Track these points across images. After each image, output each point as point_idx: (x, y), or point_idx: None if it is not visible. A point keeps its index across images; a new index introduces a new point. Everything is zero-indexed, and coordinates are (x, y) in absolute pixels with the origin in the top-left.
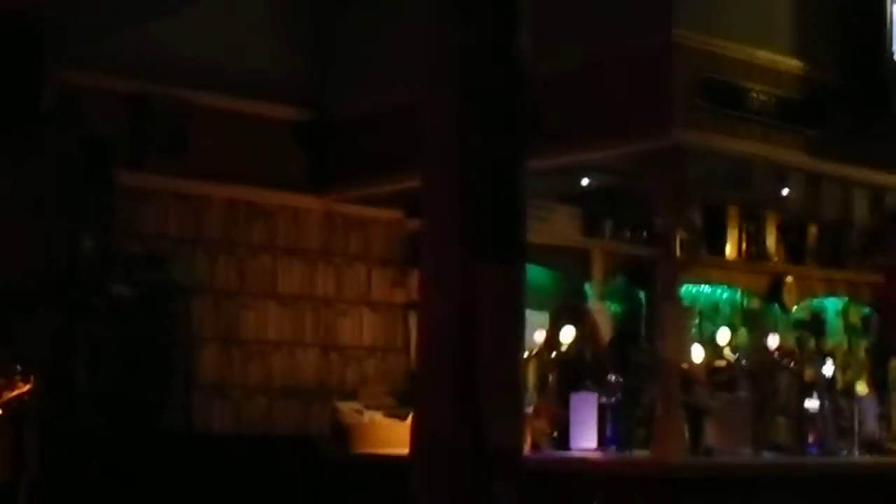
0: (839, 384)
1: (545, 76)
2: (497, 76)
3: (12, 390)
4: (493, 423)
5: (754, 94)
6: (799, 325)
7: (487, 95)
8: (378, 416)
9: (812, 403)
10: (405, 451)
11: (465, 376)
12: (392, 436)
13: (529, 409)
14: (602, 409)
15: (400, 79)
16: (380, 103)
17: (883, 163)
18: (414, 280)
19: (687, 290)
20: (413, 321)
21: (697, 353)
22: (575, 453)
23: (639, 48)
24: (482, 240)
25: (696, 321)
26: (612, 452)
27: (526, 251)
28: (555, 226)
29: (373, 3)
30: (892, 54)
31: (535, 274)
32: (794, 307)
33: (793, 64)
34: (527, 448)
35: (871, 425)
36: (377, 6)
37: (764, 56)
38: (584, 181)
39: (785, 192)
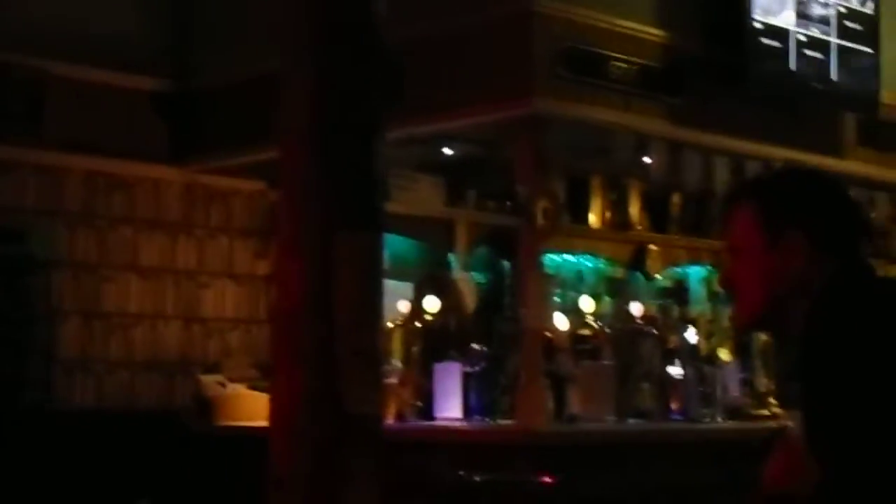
0: (702, 351)
1: (405, 44)
2: (353, 44)
3: None
4: (352, 392)
5: (615, 63)
6: (662, 292)
7: (344, 64)
8: (241, 389)
9: (675, 370)
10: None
11: (322, 345)
12: (256, 408)
13: (394, 380)
14: (466, 379)
15: (260, 49)
16: (240, 73)
17: (744, 130)
18: None
19: (550, 259)
20: None
21: (561, 322)
22: (439, 423)
23: (499, 16)
24: (340, 208)
25: (560, 290)
26: (476, 421)
27: (385, 220)
28: (418, 196)
29: None
30: (752, 21)
31: (399, 244)
32: (658, 275)
33: (654, 32)
34: (391, 418)
35: (734, 391)
36: None
37: (625, 25)
38: (447, 151)
39: (647, 160)
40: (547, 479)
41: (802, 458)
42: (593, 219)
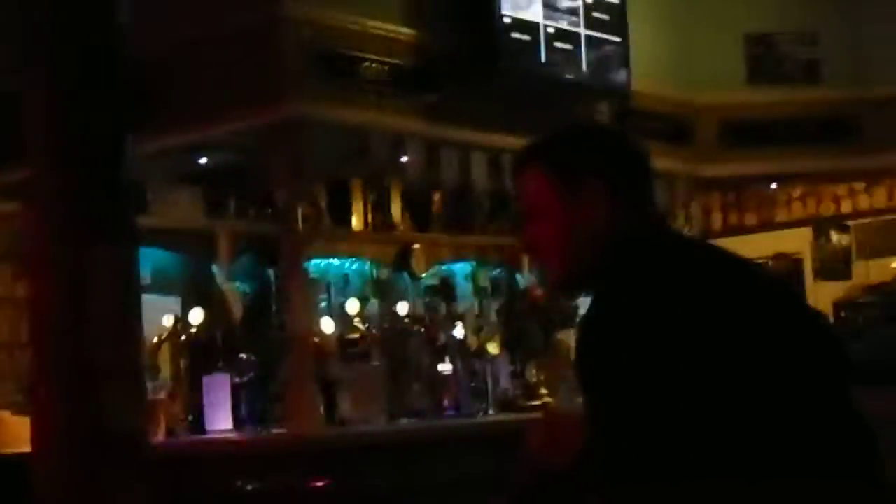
0: (471, 346)
1: (155, 53)
2: (95, 56)
3: None
4: (112, 409)
5: (367, 64)
6: (429, 291)
7: (84, 75)
8: (6, 415)
9: (445, 367)
10: None
11: (79, 362)
12: (24, 433)
13: (163, 395)
14: (236, 390)
15: (6, 63)
16: None
17: (499, 125)
18: None
19: (315, 264)
20: None
21: (328, 326)
22: (211, 436)
23: (249, 22)
24: (89, 223)
25: (326, 294)
26: (248, 432)
27: (142, 233)
28: (177, 208)
29: None
30: (500, 16)
31: (161, 258)
32: (423, 274)
33: (404, 32)
34: (161, 434)
35: (505, 384)
36: None
37: (375, 25)
38: (204, 160)
39: (405, 159)
40: (319, 484)
41: (566, 430)
42: (355, 221)
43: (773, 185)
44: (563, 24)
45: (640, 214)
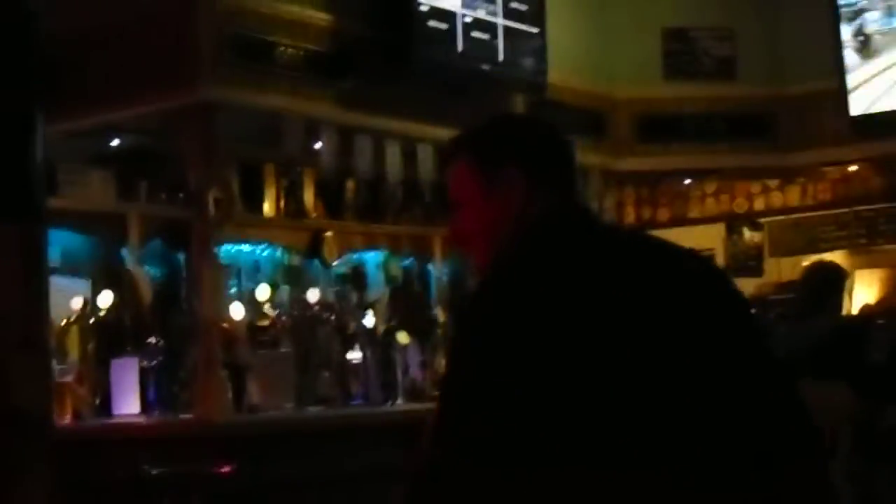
0: (381, 335)
1: (67, 33)
2: (3, 34)
3: None
4: (18, 389)
5: (282, 48)
6: (340, 279)
7: None
8: None
9: (355, 355)
10: None
11: None
12: None
13: (70, 378)
14: (144, 374)
15: None
16: None
17: (414, 113)
18: None
19: (226, 249)
20: None
21: (238, 312)
22: (118, 419)
23: (164, 3)
24: None
25: (236, 280)
26: (155, 416)
27: (51, 214)
28: (88, 190)
29: None
30: (417, 4)
31: (71, 240)
32: (335, 262)
33: (320, 17)
34: (68, 417)
35: (414, 373)
36: None
37: (291, 10)
38: (116, 142)
39: (318, 146)
40: (225, 469)
41: None
42: (267, 207)
43: (687, 181)
44: (481, 14)
45: (559, 202)
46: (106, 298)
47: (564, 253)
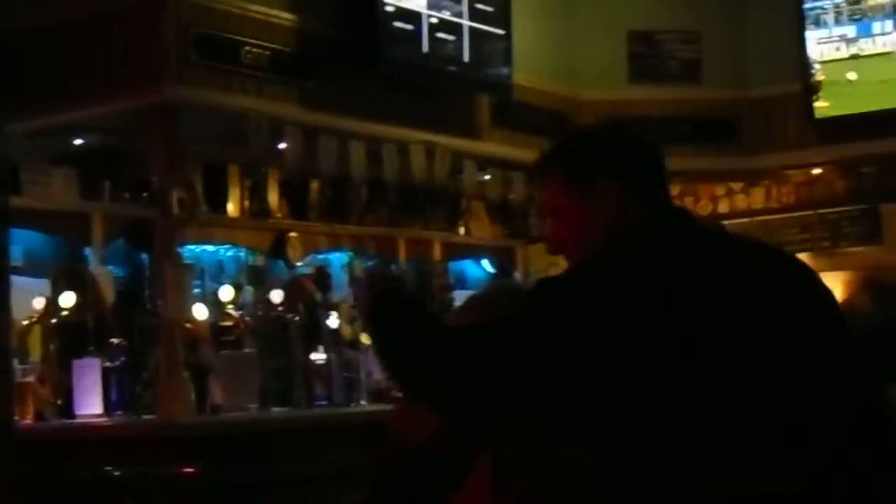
0: (345, 336)
1: (30, 31)
2: None
3: None
4: None
5: (248, 49)
6: (304, 279)
7: None
8: None
9: (319, 356)
10: None
11: None
12: None
13: (32, 378)
14: (107, 374)
15: None
16: None
17: (379, 114)
18: None
19: (189, 249)
20: None
21: (201, 313)
22: (80, 420)
23: (129, 2)
24: None
25: (200, 280)
26: (118, 417)
27: (14, 214)
28: (51, 189)
29: None
30: (383, 4)
31: (34, 240)
32: (299, 262)
33: (286, 17)
34: (30, 418)
35: (378, 376)
36: None
37: (257, 10)
38: (79, 141)
39: (283, 146)
40: (188, 470)
41: (423, 409)
42: (232, 207)
43: None
44: (446, 15)
45: (650, 207)
46: (68, 298)
47: (648, 257)
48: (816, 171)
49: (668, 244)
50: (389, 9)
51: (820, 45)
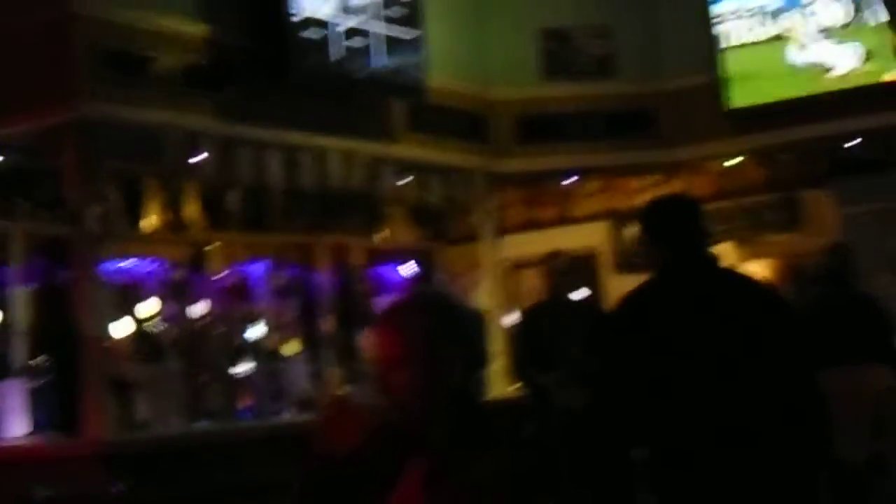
0: (269, 347)
1: None
2: None
3: None
4: None
5: (160, 62)
6: (225, 291)
7: None
8: None
9: (243, 368)
10: None
11: None
12: None
13: None
14: (30, 394)
15: None
16: None
17: (294, 123)
18: None
19: (109, 265)
20: None
21: (123, 328)
22: (6, 442)
23: (39, 20)
24: None
25: (120, 296)
26: (45, 436)
27: None
28: None
29: None
30: (290, 15)
31: None
32: (220, 274)
33: (197, 29)
34: None
35: (304, 384)
36: None
37: (167, 24)
38: None
39: (199, 158)
40: (114, 488)
41: (349, 416)
42: (150, 221)
43: (570, 180)
44: (356, 22)
45: (674, 255)
46: None
47: (663, 287)
48: (733, 161)
49: (680, 280)
50: (297, 19)
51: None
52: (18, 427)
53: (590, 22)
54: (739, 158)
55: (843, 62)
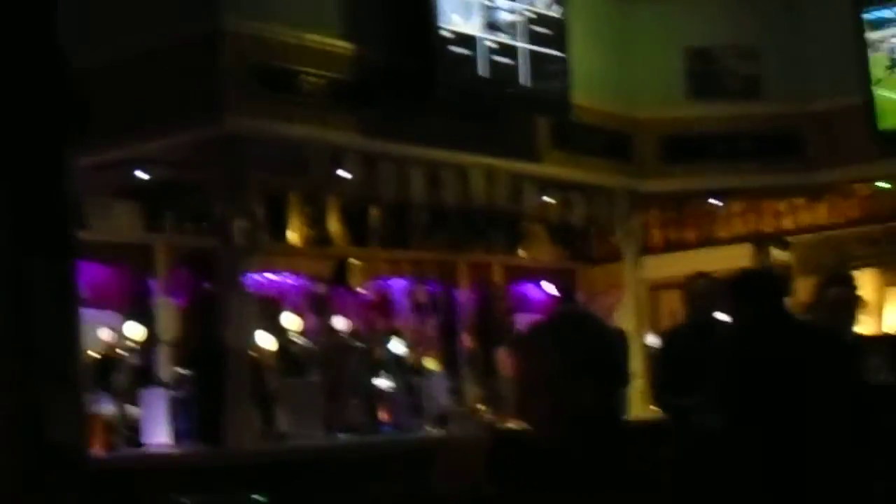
0: (409, 362)
1: (94, 68)
2: (33, 71)
3: None
4: (53, 420)
5: (306, 78)
6: (366, 306)
7: (25, 92)
8: None
9: (383, 382)
10: None
11: (20, 373)
12: None
13: (101, 408)
14: (174, 404)
15: None
16: None
17: (438, 139)
18: None
19: (252, 278)
20: None
21: (266, 341)
22: (149, 450)
23: (188, 36)
24: (30, 236)
25: (264, 308)
26: (186, 446)
27: (81, 247)
28: (114, 222)
29: None
30: (438, 30)
31: (99, 272)
32: (361, 289)
33: (343, 46)
34: (100, 447)
35: (443, 400)
36: None
37: (314, 39)
38: (142, 174)
39: (343, 174)
40: (255, 497)
41: (462, 458)
42: (293, 236)
43: (714, 201)
44: (503, 39)
45: (757, 313)
46: (134, 329)
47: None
48: (881, 184)
49: (764, 330)
50: (445, 34)
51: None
52: (161, 436)
53: (736, 42)
54: (887, 183)
55: None
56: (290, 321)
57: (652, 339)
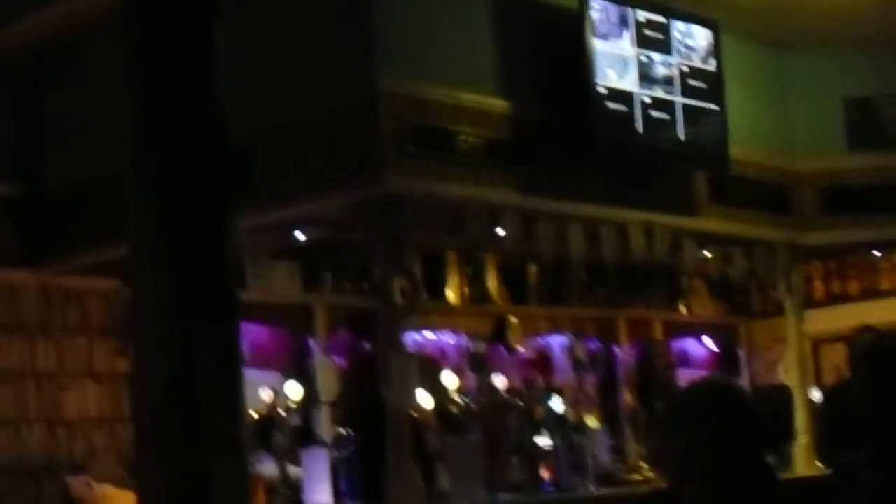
0: (570, 419)
1: (253, 131)
2: (197, 135)
3: None
4: (219, 483)
5: (463, 137)
6: (525, 364)
7: (188, 156)
8: (109, 488)
9: (544, 440)
10: None
11: (186, 438)
12: None
13: (262, 469)
14: (335, 464)
15: (107, 147)
16: (89, 173)
17: (595, 195)
18: None
19: (411, 337)
20: None
21: (426, 400)
22: None
23: (345, 97)
24: (195, 299)
25: (424, 367)
26: None
27: (241, 309)
28: (274, 282)
29: (77, 75)
30: (594, 86)
31: (258, 332)
32: (520, 346)
33: (499, 104)
34: None
35: (605, 458)
36: (82, 78)
37: (470, 98)
38: (300, 235)
39: (501, 232)
40: None
41: None
42: (451, 294)
43: (877, 253)
44: (659, 93)
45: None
46: (295, 389)
47: None
48: None
49: None
50: (602, 90)
51: None
52: (322, 496)
53: (894, 91)
54: None
55: None
56: (450, 380)
57: (816, 394)
